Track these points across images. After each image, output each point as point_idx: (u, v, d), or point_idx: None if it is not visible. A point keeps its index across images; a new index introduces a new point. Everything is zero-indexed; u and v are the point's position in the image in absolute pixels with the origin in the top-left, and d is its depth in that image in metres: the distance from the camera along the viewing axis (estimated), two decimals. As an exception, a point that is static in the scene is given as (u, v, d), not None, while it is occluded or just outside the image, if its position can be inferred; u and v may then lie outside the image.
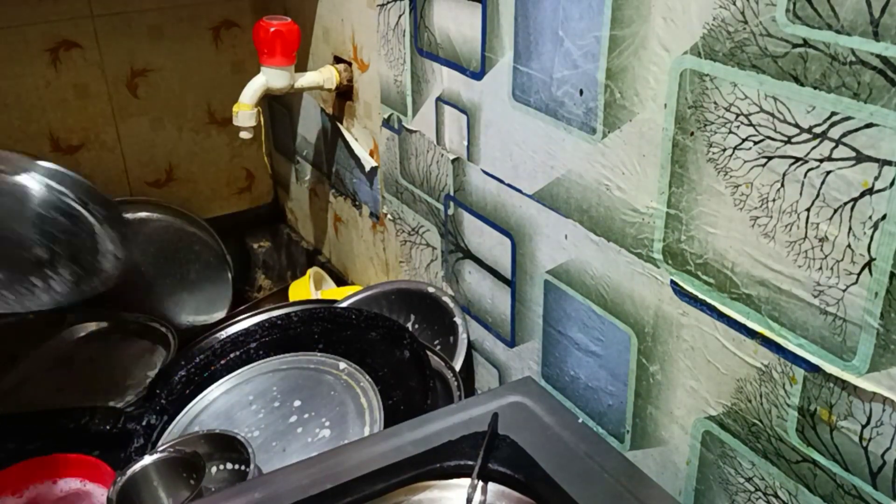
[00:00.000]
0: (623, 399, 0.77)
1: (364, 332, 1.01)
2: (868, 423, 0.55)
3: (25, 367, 1.16)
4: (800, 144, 0.54)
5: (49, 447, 0.93)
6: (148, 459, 0.83)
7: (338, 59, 1.24)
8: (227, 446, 0.85)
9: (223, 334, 1.22)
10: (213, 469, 0.86)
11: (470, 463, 0.71)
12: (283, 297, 1.34)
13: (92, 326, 1.25)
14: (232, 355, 1.02)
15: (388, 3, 1.04)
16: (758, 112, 0.57)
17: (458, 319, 1.02)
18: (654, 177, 0.67)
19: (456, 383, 0.91)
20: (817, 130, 0.53)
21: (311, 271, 1.35)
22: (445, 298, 1.05)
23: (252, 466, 0.80)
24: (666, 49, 0.63)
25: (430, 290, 1.08)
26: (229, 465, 0.87)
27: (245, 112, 1.13)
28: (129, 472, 0.82)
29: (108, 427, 0.94)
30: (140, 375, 1.12)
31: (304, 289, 1.30)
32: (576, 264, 0.80)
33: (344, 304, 1.13)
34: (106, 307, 1.29)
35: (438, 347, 1.05)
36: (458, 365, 0.97)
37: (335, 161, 1.35)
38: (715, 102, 0.60)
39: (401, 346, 0.94)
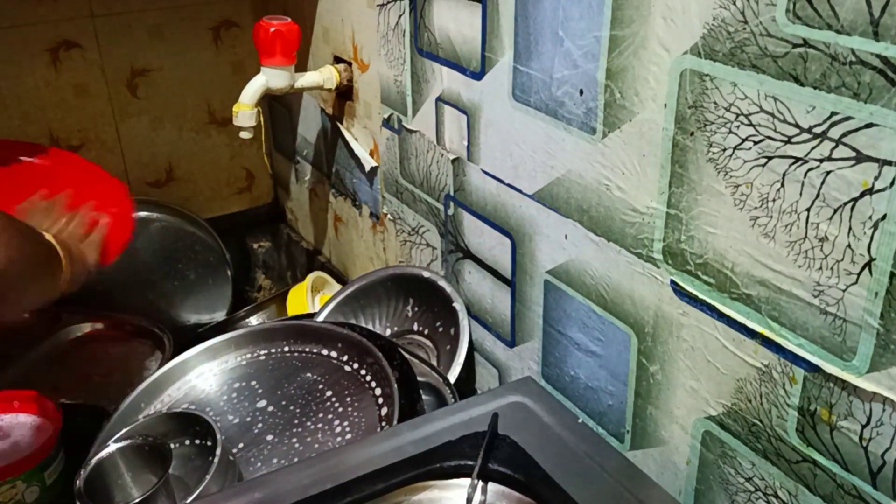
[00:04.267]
0: (623, 399, 0.77)
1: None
2: (868, 423, 0.55)
3: (20, 367, 1.17)
4: (800, 144, 0.54)
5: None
6: (114, 446, 0.84)
7: (338, 59, 1.24)
8: (192, 424, 0.86)
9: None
10: (176, 445, 0.87)
11: (470, 463, 0.71)
12: (282, 301, 1.34)
13: (87, 327, 1.25)
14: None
15: (388, 3, 1.04)
16: (758, 112, 0.57)
17: (457, 305, 1.02)
18: (654, 177, 0.67)
19: (454, 400, 0.90)
20: (817, 130, 0.53)
21: (310, 278, 1.34)
22: (442, 283, 1.05)
23: (219, 446, 0.81)
24: (666, 49, 0.63)
25: (426, 274, 1.08)
26: (187, 441, 0.87)
27: (245, 112, 1.13)
28: (96, 459, 0.82)
29: (92, 427, 0.96)
30: (134, 377, 1.12)
31: (300, 298, 1.29)
32: (576, 264, 0.80)
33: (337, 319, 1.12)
34: (105, 307, 1.29)
35: (440, 330, 1.04)
36: (462, 352, 0.96)
37: (335, 161, 1.35)
38: (715, 102, 0.60)
39: (391, 365, 0.93)
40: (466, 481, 0.70)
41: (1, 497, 0.86)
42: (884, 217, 0.50)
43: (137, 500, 0.77)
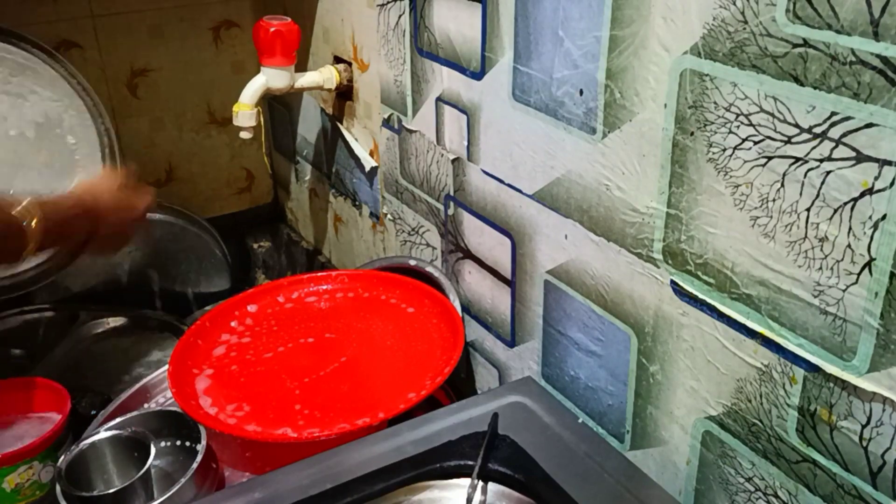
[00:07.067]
0: (623, 399, 0.77)
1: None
2: (868, 423, 0.55)
3: (45, 365, 1.18)
4: (800, 144, 0.54)
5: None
6: (99, 435, 0.85)
7: (338, 59, 1.24)
8: (183, 424, 0.87)
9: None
10: (163, 444, 0.89)
11: (470, 463, 0.71)
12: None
13: (109, 322, 1.27)
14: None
15: (388, 3, 1.04)
16: (758, 112, 0.57)
17: (449, 294, 1.02)
18: (654, 177, 0.67)
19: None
20: (817, 130, 0.53)
21: None
22: (430, 269, 1.06)
23: (203, 444, 0.82)
24: (666, 49, 0.63)
25: (412, 262, 1.08)
26: (178, 442, 0.89)
27: (245, 112, 1.13)
28: (80, 446, 0.84)
29: (94, 412, 0.98)
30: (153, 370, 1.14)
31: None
32: (576, 264, 0.80)
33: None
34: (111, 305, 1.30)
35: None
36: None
37: (335, 161, 1.35)
38: (715, 102, 0.60)
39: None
40: (466, 481, 0.70)
41: (19, 477, 0.88)
42: (884, 217, 0.50)
43: (113, 490, 0.79)
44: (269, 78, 1.14)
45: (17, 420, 0.98)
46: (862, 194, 0.51)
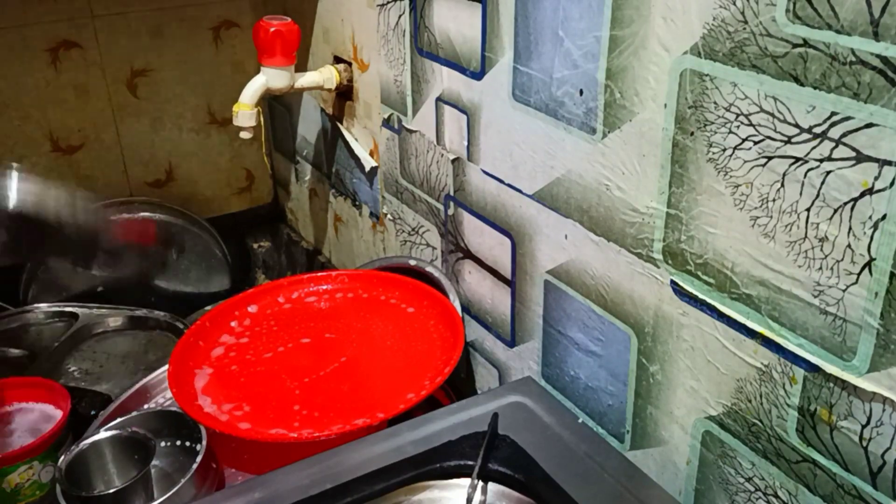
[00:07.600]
0: (623, 399, 0.77)
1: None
2: (868, 423, 0.55)
3: (44, 363, 1.18)
4: (800, 144, 0.54)
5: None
6: (99, 435, 0.85)
7: (338, 59, 1.24)
8: (183, 424, 0.88)
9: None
10: (163, 444, 0.89)
11: (470, 463, 0.71)
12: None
13: (109, 322, 1.27)
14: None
15: (388, 3, 1.04)
16: (758, 112, 0.57)
17: (449, 294, 1.02)
18: (654, 177, 0.67)
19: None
20: (817, 130, 0.53)
21: None
22: (430, 269, 1.06)
23: (203, 444, 0.83)
24: (666, 49, 0.63)
25: (412, 262, 1.08)
26: (178, 442, 0.90)
27: (245, 112, 1.13)
28: (80, 446, 0.84)
29: (94, 412, 0.98)
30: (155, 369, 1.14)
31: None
32: (576, 264, 0.80)
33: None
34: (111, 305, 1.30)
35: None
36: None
37: (335, 161, 1.35)
38: (715, 102, 0.60)
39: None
40: (466, 481, 0.70)
41: (19, 477, 0.89)
42: (884, 217, 0.50)
43: (113, 490, 0.79)
44: (269, 78, 1.14)
45: (17, 420, 0.98)
46: (862, 194, 0.51)
